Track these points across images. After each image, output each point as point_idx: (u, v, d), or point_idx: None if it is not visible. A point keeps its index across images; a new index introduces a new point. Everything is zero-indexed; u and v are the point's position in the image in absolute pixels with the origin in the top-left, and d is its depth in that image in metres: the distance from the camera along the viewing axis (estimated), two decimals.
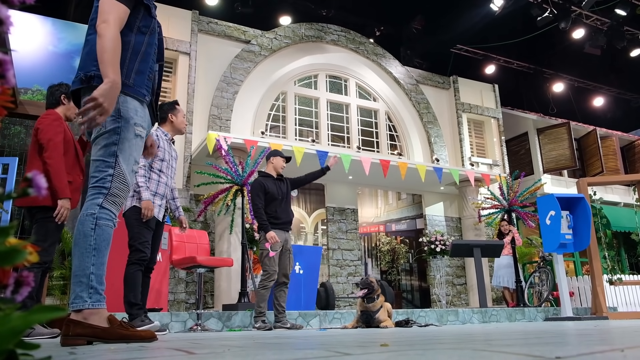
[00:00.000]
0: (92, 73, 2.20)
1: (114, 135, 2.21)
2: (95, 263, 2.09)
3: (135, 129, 2.28)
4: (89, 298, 2.06)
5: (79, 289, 2.06)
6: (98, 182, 2.18)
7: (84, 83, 2.22)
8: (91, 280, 2.07)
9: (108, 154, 2.20)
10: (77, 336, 2.00)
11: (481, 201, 10.60)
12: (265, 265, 4.87)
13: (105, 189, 2.17)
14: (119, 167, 2.21)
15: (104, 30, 2.15)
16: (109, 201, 2.17)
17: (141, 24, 2.36)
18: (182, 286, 8.81)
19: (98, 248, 2.11)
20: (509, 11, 12.10)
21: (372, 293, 4.97)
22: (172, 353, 1.35)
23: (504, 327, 3.62)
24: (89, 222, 2.12)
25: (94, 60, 2.19)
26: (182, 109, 4.38)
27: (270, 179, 5.15)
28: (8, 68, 0.52)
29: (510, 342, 1.43)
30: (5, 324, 0.44)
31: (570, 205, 6.71)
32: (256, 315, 4.86)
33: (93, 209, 2.14)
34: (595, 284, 7.00)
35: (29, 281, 0.65)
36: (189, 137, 9.53)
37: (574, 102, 16.43)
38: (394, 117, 12.43)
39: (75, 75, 2.30)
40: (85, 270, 2.08)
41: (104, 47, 2.13)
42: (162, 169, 3.97)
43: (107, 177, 2.18)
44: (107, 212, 2.17)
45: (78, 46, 10.20)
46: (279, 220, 5.01)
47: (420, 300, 12.21)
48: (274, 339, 2.22)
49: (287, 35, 11.52)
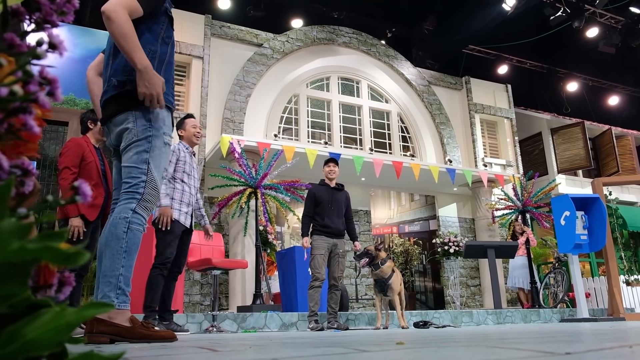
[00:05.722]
0: (125, 79, 2.30)
1: (146, 143, 2.29)
2: (124, 265, 2.17)
3: (164, 138, 2.37)
4: (116, 298, 2.13)
5: (107, 289, 2.13)
6: (131, 188, 2.26)
7: (117, 89, 2.30)
8: (119, 281, 2.15)
9: (141, 161, 2.28)
10: (101, 333, 2.06)
11: (495, 202, 10.56)
12: (311, 268, 5.11)
13: (138, 194, 2.25)
14: (151, 173, 2.29)
15: (113, 14, 2.19)
16: (141, 206, 2.26)
17: (165, 35, 2.45)
18: (197, 288, 8.90)
19: (129, 251, 2.19)
20: (521, 11, 12.03)
21: (375, 259, 5.01)
22: (197, 350, 1.40)
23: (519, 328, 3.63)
24: (122, 225, 2.20)
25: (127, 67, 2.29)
26: (193, 119, 4.52)
27: (325, 188, 5.30)
28: (57, 86, 0.57)
29: (523, 340, 1.46)
30: (61, 319, 0.48)
31: (586, 206, 6.67)
32: (309, 316, 5.03)
33: (126, 213, 2.22)
34: (611, 285, 6.94)
35: (70, 281, 0.70)
36: (203, 141, 9.63)
37: (589, 101, 16.27)
38: (406, 119, 12.43)
39: (107, 82, 2.37)
40: (115, 271, 2.15)
41: (123, 34, 2.19)
42: (184, 179, 4.14)
43: (140, 183, 2.26)
44: (139, 217, 2.25)
45: (94, 51, 10.35)
46: (326, 228, 5.17)
47: (434, 302, 12.18)
48: (292, 339, 2.26)
49: (299, 38, 11.58)
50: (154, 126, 2.32)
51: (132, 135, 2.29)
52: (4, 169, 0.55)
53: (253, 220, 7.49)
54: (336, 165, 5.42)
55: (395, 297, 4.99)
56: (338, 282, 5.19)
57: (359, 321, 5.84)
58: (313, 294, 5.01)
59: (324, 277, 5.06)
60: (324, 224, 5.18)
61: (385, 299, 5.16)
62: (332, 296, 5.15)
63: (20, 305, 0.51)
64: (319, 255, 5.06)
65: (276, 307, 6.40)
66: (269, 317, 5.31)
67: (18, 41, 0.63)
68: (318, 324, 4.91)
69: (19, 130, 0.54)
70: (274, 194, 7.44)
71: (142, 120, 2.30)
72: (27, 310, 0.51)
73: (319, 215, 5.22)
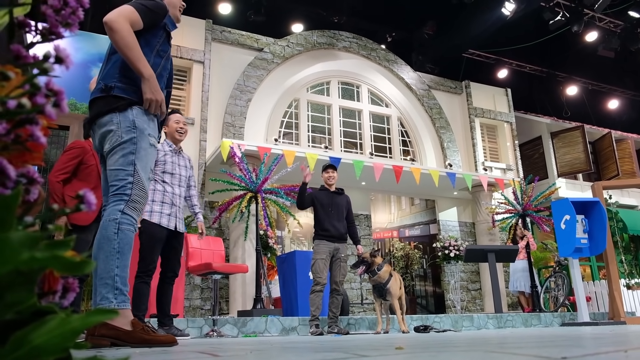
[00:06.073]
0: (113, 84, 2.34)
1: (131, 145, 2.32)
2: (119, 265, 2.19)
3: (149, 139, 2.40)
4: (114, 299, 2.15)
5: (105, 291, 2.15)
6: (119, 190, 2.28)
7: (103, 92, 2.35)
8: (116, 282, 2.17)
9: (127, 162, 2.30)
10: (102, 336, 2.08)
11: (495, 206, 10.57)
12: (312, 273, 5.12)
13: (126, 195, 2.27)
14: (137, 175, 2.31)
15: (116, 25, 2.25)
16: (130, 207, 2.28)
17: (160, 48, 2.51)
18: (198, 292, 8.90)
19: (121, 251, 2.21)
20: (521, 15, 12.06)
21: (371, 266, 5.02)
22: (197, 355, 1.41)
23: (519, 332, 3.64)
24: (112, 227, 2.22)
25: (115, 73, 2.34)
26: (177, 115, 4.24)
27: (325, 192, 5.31)
28: (63, 98, 0.58)
29: (522, 345, 1.47)
30: (67, 325, 0.50)
31: (586, 209, 6.68)
32: (310, 320, 5.02)
33: (115, 214, 2.24)
34: (612, 289, 6.94)
35: (74, 287, 0.72)
36: (203, 145, 9.65)
37: (588, 105, 16.29)
38: (406, 123, 12.45)
39: (96, 86, 2.42)
40: (110, 272, 2.17)
41: (126, 44, 2.26)
42: (165, 180, 3.96)
43: (127, 185, 2.29)
44: (129, 217, 2.27)
45: (95, 56, 10.39)
46: (326, 232, 5.18)
47: (435, 306, 12.16)
48: (292, 343, 2.27)
49: (300, 42, 11.62)
50: (138, 127, 2.35)
51: (117, 137, 2.32)
52: (11, 178, 0.56)
53: (253, 224, 7.50)
54: (335, 171, 5.45)
55: (395, 302, 5.00)
56: (339, 287, 5.20)
57: (360, 325, 5.84)
58: (314, 298, 5.02)
59: (325, 281, 5.07)
60: (325, 228, 5.19)
61: (385, 304, 5.17)
62: (333, 301, 5.16)
63: (27, 312, 0.52)
64: (321, 260, 5.07)
65: (276, 312, 6.41)
66: (270, 321, 5.31)
67: (24, 52, 0.64)
68: (318, 328, 4.91)
69: (25, 140, 0.55)
70: (275, 198, 7.46)
71: (126, 122, 2.33)
72: (33, 317, 0.52)
73: (319, 220, 5.24)
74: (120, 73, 2.35)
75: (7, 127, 0.55)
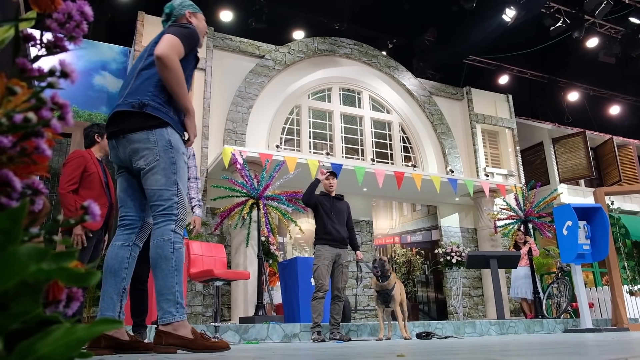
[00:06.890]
0: (146, 101, 2.37)
1: (171, 165, 2.38)
2: (178, 282, 2.32)
3: (184, 157, 2.48)
4: (176, 312, 2.28)
5: (167, 305, 2.28)
6: (166, 210, 2.37)
7: (135, 108, 2.37)
8: (177, 297, 2.30)
9: (170, 182, 2.38)
10: (170, 345, 2.24)
11: (497, 212, 10.55)
12: (314, 279, 5.14)
13: (174, 215, 2.37)
14: (180, 194, 2.41)
15: (170, 63, 2.34)
16: (179, 226, 2.39)
17: (187, 73, 2.56)
18: (199, 299, 8.89)
19: (178, 269, 2.33)
20: (522, 21, 12.11)
21: (386, 272, 5.05)
22: None
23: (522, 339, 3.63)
24: (168, 246, 2.33)
25: (148, 91, 2.38)
26: None
27: (326, 197, 5.37)
28: (68, 111, 0.59)
29: (524, 352, 1.47)
30: (72, 335, 0.50)
31: (588, 215, 6.67)
32: (312, 327, 5.03)
33: (169, 234, 2.34)
34: (615, 295, 6.92)
35: (78, 297, 0.72)
36: (205, 152, 9.68)
37: (590, 111, 16.30)
38: (407, 129, 12.47)
39: (123, 98, 2.43)
40: (171, 288, 2.29)
41: (178, 82, 2.37)
42: None
43: (174, 205, 2.38)
44: (179, 235, 2.39)
45: (96, 64, 10.45)
46: (329, 235, 5.18)
47: (437, 312, 12.13)
48: (294, 350, 2.27)
49: (301, 49, 11.67)
50: (174, 147, 2.41)
51: (154, 156, 2.36)
52: (17, 189, 0.57)
53: (255, 231, 7.50)
54: (335, 178, 5.48)
55: (397, 308, 5.00)
56: (341, 293, 5.20)
57: (362, 332, 5.83)
58: (316, 305, 5.02)
59: (327, 287, 5.07)
60: (327, 231, 5.19)
61: (387, 310, 5.17)
62: (335, 307, 5.15)
63: (32, 322, 0.53)
64: (323, 266, 5.07)
65: (278, 318, 6.39)
66: (271, 328, 5.30)
67: (29, 66, 0.65)
68: (320, 335, 4.90)
69: (31, 153, 0.56)
70: (276, 204, 7.46)
71: (163, 141, 2.38)
72: (38, 326, 0.53)
73: (322, 223, 5.25)
74: (154, 93, 2.39)
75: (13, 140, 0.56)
